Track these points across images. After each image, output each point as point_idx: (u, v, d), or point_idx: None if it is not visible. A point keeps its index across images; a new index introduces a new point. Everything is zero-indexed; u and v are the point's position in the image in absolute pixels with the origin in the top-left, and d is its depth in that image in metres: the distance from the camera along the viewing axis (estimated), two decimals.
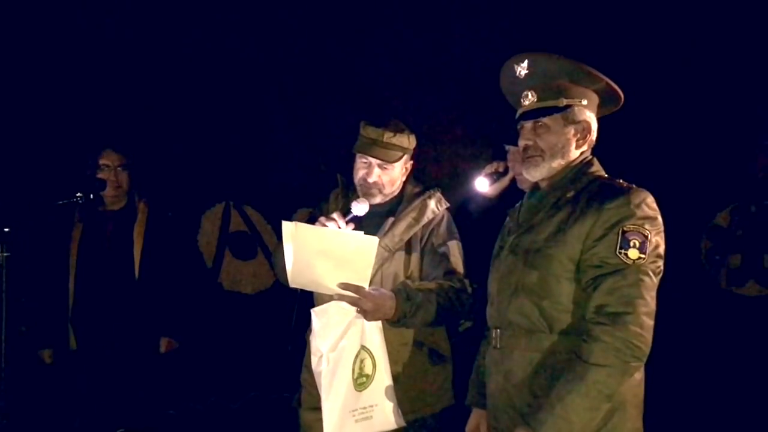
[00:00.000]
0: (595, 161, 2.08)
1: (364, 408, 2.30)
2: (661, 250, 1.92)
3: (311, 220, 2.44)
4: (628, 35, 4.61)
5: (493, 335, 2.10)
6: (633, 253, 1.85)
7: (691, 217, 4.91)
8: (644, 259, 1.85)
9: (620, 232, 1.87)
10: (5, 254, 2.62)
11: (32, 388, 3.59)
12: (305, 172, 4.93)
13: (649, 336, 1.86)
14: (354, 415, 2.29)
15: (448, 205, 2.63)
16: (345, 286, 2.24)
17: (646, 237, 1.86)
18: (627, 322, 1.82)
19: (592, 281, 1.89)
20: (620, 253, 1.86)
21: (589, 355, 1.84)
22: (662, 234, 1.93)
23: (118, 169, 3.41)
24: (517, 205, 2.21)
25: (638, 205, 1.89)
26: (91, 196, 3.11)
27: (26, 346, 3.38)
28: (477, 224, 2.86)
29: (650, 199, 1.93)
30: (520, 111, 2.08)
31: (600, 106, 2.09)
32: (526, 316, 1.98)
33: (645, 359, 1.88)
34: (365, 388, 2.31)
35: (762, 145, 5.07)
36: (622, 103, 2.11)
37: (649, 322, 1.85)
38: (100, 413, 3.38)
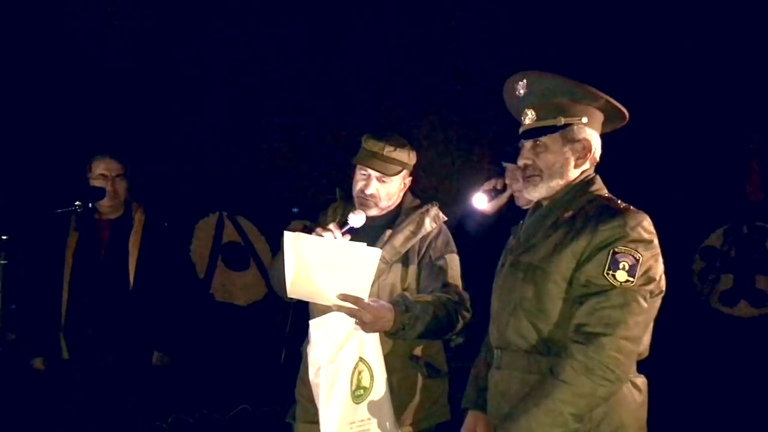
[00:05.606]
0: (597, 179, 2.05)
1: (362, 420, 2.29)
2: (654, 273, 1.88)
3: (306, 232, 2.42)
4: (620, 57, 4.65)
5: (495, 355, 2.09)
6: (621, 275, 1.82)
7: (684, 237, 4.94)
8: (632, 282, 1.82)
9: (611, 252, 1.84)
10: (3, 262, 2.60)
11: (22, 396, 3.55)
12: (299, 184, 4.93)
13: (627, 361, 1.82)
14: (351, 428, 2.28)
15: (446, 218, 2.63)
16: (344, 297, 2.22)
17: (638, 260, 1.83)
18: (603, 344, 1.79)
19: (578, 299, 1.87)
20: (608, 274, 1.83)
21: (560, 371, 1.82)
22: (658, 257, 1.90)
23: (116, 178, 3.38)
24: (521, 222, 2.19)
25: (633, 228, 1.86)
26: (90, 204, 3.09)
27: (18, 354, 3.35)
28: (475, 241, 2.86)
29: (647, 222, 1.90)
30: (521, 130, 2.07)
31: (605, 123, 2.07)
32: (524, 336, 1.97)
33: (619, 384, 1.84)
34: (363, 400, 2.30)
35: (753, 166, 5.12)
36: (627, 119, 2.09)
37: (630, 347, 1.82)
38: (90, 424, 3.34)
